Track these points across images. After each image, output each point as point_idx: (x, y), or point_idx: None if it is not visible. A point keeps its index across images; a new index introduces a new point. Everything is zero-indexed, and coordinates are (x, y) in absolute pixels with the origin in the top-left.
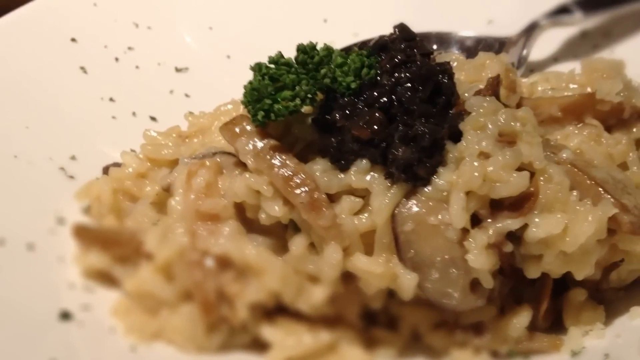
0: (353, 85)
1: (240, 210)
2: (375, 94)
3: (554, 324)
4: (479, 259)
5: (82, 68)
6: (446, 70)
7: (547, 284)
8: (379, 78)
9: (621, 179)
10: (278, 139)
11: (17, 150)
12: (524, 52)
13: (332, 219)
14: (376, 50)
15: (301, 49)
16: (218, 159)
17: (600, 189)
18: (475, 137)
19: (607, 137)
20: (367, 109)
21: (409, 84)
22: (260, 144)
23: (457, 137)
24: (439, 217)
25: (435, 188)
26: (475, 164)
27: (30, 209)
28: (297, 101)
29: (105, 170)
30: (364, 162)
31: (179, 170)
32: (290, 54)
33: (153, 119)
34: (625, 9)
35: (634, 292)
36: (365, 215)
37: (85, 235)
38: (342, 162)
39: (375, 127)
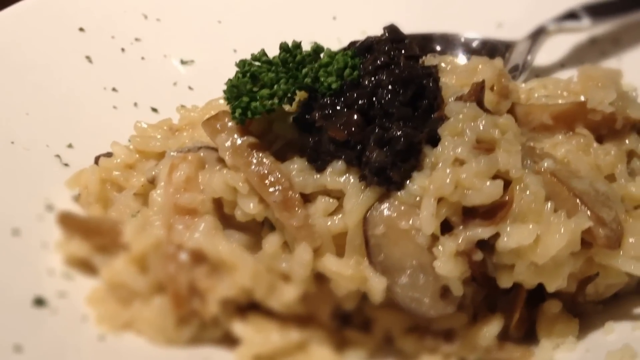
0: (334, 86)
1: (219, 205)
2: (355, 95)
3: (528, 335)
4: (447, 266)
5: (88, 57)
6: (431, 74)
7: (521, 294)
8: (361, 79)
9: (604, 191)
10: (259, 136)
11: (15, 136)
12: (528, 56)
13: (303, 219)
14: (362, 51)
15: (284, 48)
16: (201, 154)
17: (577, 200)
18: (452, 143)
19: (597, 147)
20: (346, 110)
21: (390, 87)
22: (238, 141)
23: (436, 142)
24: (410, 222)
25: (409, 193)
26: (448, 170)
27: (21, 195)
28: (275, 100)
29: (97, 160)
30: (340, 164)
31: (163, 163)
32: None
33: (154, 110)
34: (635, 16)
35: (613, 307)
36: (339, 216)
37: (68, 223)
38: (319, 162)
39: (352, 128)
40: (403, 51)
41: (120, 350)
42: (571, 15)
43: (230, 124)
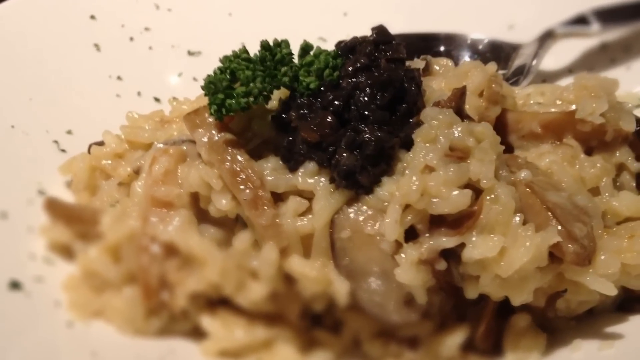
0: (312, 86)
1: (196, 200)
2: (331, 96)
3: (497, 347)
4: (407, 274)
5: (96, 45)
6: (413, 77)
7: (488, 305)
8: (341, 81)
9: (583, 206)
10: (238, 133)
11: (16, 121)
12: (534, 61)
13: (271, 219)
14: (345, 51)
15: (264, 46)
16: (184, 147)
17: (549, 214)
18: (423, 149)
19: (584, 159)
20: (321, 111)
21: (368, 89)
22: (215, 137)
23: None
24: (376, 227)
25: (377, 197)
26: (414, 177)
27: (15, 178)
28: (250, 98)
29: (90, 148)
30: (312, 165)
31: (148, 155)
32: None
33: (157, 100)
34: None
35: (586, 324)
36: (308, 217)
37: (54, 208)
38: (292, 162)
39: (325, 130)
40: (389, 53)
41: (88, 337)
42: (580, 20)
43: (209, 119)
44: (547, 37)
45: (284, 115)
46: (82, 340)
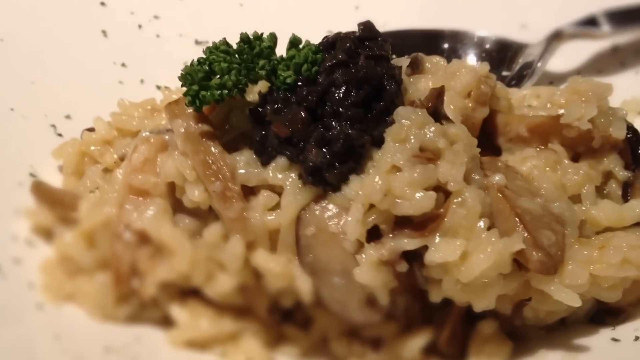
0: (289, 80)
1: (173, 189)
2: (305, 92)
3: (462, 352)
4: (366, 274)
5: (104, 32)
6: (393, 75)
7: (453, 309)
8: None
9: (558, 213)
10: (217, 124)
11: (16, 104)
12: (539, 62)
13: (239, 212)
14: (327, 47)
15: (243, 38)
16: (166, 137)
17: (517, 220)
18: (392, 148)
19: (568, 165)
20: (295, 107)
21: (344, 86)
22: (192, 128)
23: None
24: (340, 225)
25: (343, 196)
26: (377, 177)
27: (7, 161)
28: (225, 91)
29: (82, 133)
30: (283, 160)
31: (132, 143)
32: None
33: (159, 88)
34: None
35: (556, 334)
36: (278, 212)
37: (39, 192)
38: (264, 156)
39: (297, 125)
40: (373, 50)
41: (55, 320)
42: (591, 21)
43: (188, 110)
44: (555, 38)
45: (260, 109)
46: (49, 322)
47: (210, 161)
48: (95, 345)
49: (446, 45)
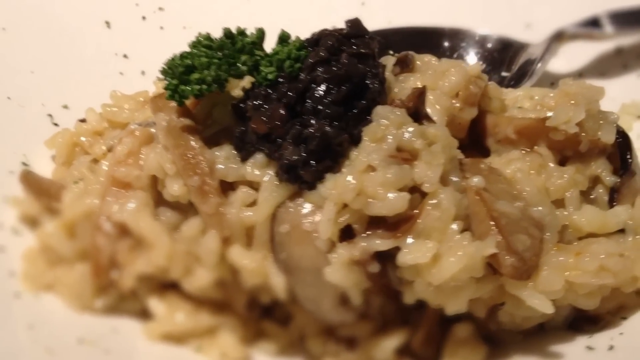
0: (270, 76)
1: (156, 182)
2: (285, 88)
3: (437, 354)
4: (336, 274)
5: (107, 22)
6: (377, 74)
7: (428, 311)
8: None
9: (537, 218)
10: (201, 119)
11: (14, 93)
12: (539, 62)
13: (215, 207)
14: (311, 43)
15: (225, 34)
16: (153, 130)
17: (492, 223)
18: (368, 148)
19: (553, 169)
20: (275, 103)
21: (324, 83)
22: (174, 121)
23: None
24: (314, 224)
25: (318, 194)
26: (350, 176)
27: (2, 149)
28: (204, 86)
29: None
30: (261, 156)
31: (119, 135)
32: None
33: (160, 80)
34: None
35: (534, 340)
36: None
37: (27, 181)
38: (243, 152)
39: (275, 122)
40: (358, 47)
41: (33, 309)
42: (594, 22)
43: (172, 103)
44: (556, 38)
45: (242, 105)
46: (24, 312)
47: (189, 155)
48: (68, 336)
49: (447, 44)
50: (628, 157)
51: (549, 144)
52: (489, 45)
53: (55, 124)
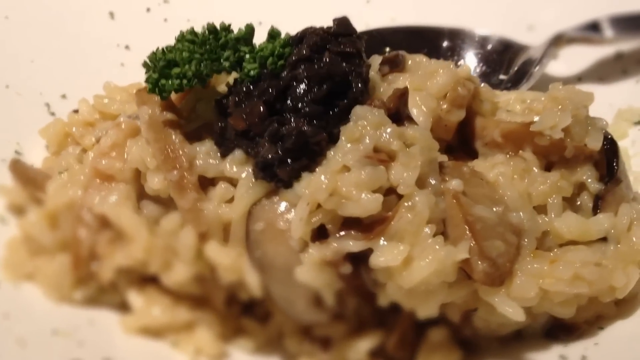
0: (252, 73)
1: (139, 175)
2: (266, 85)
3: (412, 358)
4: (307, 274)
5: (111, 13)
6: (360, 73)
7: (402, 314)
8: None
9: (516, 223)
10: (185, 113)
11: (12, 81)
12: (537, 65)
13: (192, 202)
14: (296, 41)
15: (209, 29)
16: (138, 123)
17: (466, 228)
18: (344, 148)
19: (537, 174)
20: (255, 100)
21: (305, 81)
22: (156, 115)
23: None
24: (288, 223)
25: (294, 193)
26: (323, 176)
27: None
28: (184, 80)
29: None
30: (240, 153)
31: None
32: None
33: None
34: None
35: (510, 346)
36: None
37: (16, 170)
38: (223, 148)
39: (254, 119)
40: (345, 46)
41: (11, 298)
42: (594, 26)
43: (156, 97)
44: (555, 41)
45: (225, 101)
46: (2, 300)
47: (169, 149)
48: (43, 327)
49: (446, 44)
50: (614, 164)
51: (534, 149)
52: (489, 46)
53: (52, 114)
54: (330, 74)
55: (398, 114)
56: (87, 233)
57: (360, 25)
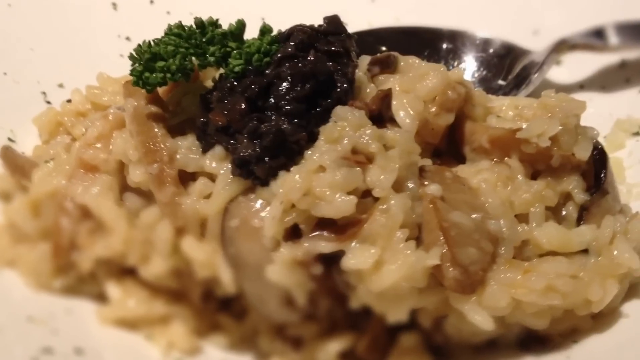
0: (237, 69)
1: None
2: (249, 82)
3: None
4: (278, 273)
5: (114, 4)
6: (346, 73)
7: (374, 317)
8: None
9: (494, 231)
10: (173, 106)
11: (11, 68)
12: (537, 72)
13: (170, 196)
14: (283, 38)
15: (197, 23)
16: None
17: (440, 234)
18: (322, 147)
19: (522, 182)
20: (237, 96)
21: (289, 79)
22: (141, 107)
23: None
24: (263, 221)
25: (270, 191)
26: (297, 175)
27: None
28: (168, 74)
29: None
30: (219, 149)
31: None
32: None
33: None
34: None
35: (483, 356)
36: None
37: (5, 157)
38: (204, 143)
39: (235, 115)
40: (333, 45)
41: None
42: (597, 33)
43: (143, 89)
44: (557, 47)
45: (209, 96)
46: None
47: (150, 143)
48: (18, 314)
49: (446, 46)
50: (602, 175)
51: (521, 157)
52: (490, 49)
53: (48, 102)
54: (314, 72)
55: (380, 116)
56: (68, 222)
57: (363, 24)
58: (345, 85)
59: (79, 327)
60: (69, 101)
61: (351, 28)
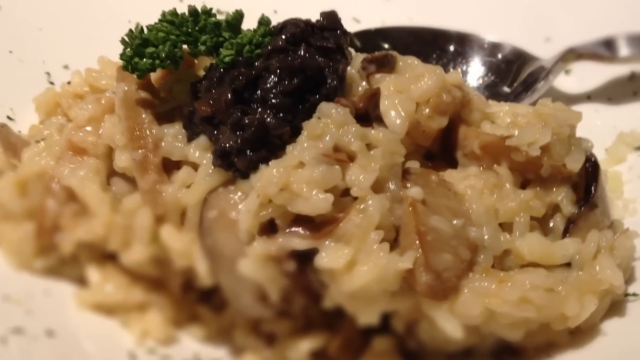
0: (227, 60)
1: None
2: (236, 73)
3: None
4: (250, 267)
5: None
6: (337, 69)
7: (347, 317)
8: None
9: (473, 238)
10: (165, 93)
11: (17, 47)
12: (542, 80)
13: (152, 184)
14: (277, 31)
15: (190, 11)
16: None
17: (416, 237)
18: (304, 143)
19: (509, 190)
20: (225, 87)
21: (277, 72)
22: (131, 93)
23: None
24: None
25: (249, 184)
26: (275, 170)
27: None
28: (157, 61)
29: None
30: (204, 138)
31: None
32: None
33: None
34: None
35: None
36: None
37: (2, 136)
38: (189, 132)
39: (220, 106)
40: (327, 41)
41: None
42: (607, 43)
43: (135, 74)
44: (565, 56)
45: (198, 84)
46: None
47: (136, 128)
48: None
49: (454, 48)
50: (592, 188)
51: (511, 165)
52: (499, 54)
53: (51, 83)
54: (303, 67)
55: (367, 115)
56: (54, 204)
57: (377, 22)
58: (334, 82)
59: (55, 309)
60: (69, 83)
61: (364, 25)
